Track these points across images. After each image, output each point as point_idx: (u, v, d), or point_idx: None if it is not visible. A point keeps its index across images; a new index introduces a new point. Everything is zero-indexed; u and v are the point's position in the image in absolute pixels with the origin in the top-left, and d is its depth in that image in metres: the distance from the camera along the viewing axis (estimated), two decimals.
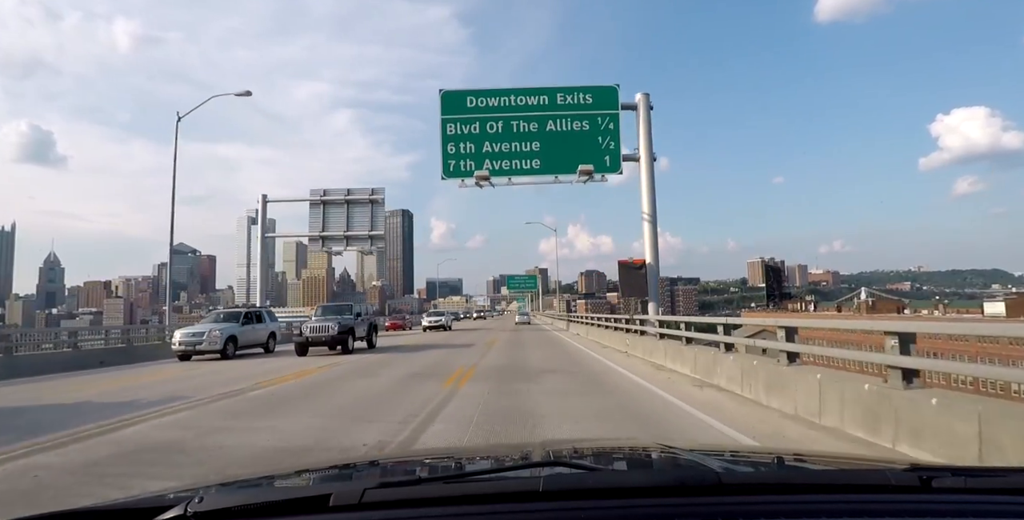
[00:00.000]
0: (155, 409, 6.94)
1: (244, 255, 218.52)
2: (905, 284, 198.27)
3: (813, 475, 1.26)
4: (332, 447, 4.98)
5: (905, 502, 0.94)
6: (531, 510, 0.90)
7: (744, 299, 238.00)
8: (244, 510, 0.93)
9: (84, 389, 9.23)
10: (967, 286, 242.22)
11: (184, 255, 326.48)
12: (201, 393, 8.31)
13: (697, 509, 0.91)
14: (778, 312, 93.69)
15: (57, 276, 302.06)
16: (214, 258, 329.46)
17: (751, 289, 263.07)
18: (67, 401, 7.93)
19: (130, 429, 5.83)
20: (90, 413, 6.75)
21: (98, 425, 5.96)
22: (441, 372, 10.64)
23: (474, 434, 5.36)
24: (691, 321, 10.85)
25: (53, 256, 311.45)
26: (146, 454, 4.81)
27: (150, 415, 6.58)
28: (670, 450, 1.43)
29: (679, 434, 5.40)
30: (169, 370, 12.50)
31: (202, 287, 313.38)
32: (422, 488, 0.99)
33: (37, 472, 4.26)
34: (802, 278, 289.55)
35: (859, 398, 4.89)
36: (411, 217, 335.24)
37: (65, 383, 10.31)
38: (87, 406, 7.44)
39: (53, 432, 5.62)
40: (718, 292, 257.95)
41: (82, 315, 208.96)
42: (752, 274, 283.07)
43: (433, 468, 1.55)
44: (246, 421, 6.28)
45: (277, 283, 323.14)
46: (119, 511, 0.99)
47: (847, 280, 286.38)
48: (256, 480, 1.33)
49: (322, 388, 8.88)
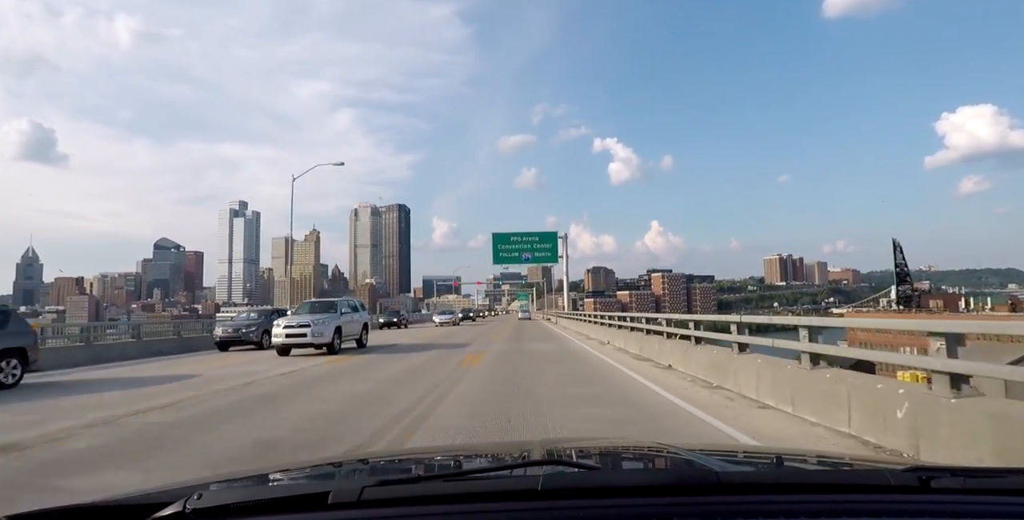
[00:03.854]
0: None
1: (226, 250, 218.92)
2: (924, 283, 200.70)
3: (812, 475, 1.32)
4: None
5: (904, 502, 0.99)
6: (530, 509, 0.95)
7: (763, 298, 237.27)
8: (243, 507, 0.98)
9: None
10: (983, 285, 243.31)
11: (167, 251, 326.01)
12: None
13: (696, 508, 0.95)
14: (923, 313, 73.71)
15: (36, 273, 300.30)
16: (201, 255, 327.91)
17: (769, 288, 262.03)
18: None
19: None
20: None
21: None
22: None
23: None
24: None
25: (32, 252, 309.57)
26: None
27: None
28: (669, 449, 1.48)
29: None
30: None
31: (187, 285, 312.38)
32: (421, 486, 1.04)
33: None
34: (821, 276, 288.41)
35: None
36: (408, 213, 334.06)
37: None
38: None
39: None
40: (734, 291, 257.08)
41: (46, 313, 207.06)
42: (769, 272, 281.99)
43: (432, 466, 1.62)
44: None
45: (263, 280, 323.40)
46: (118, 507, 1.04)
47: (864, 279, 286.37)
48: (255, 477, 1.38)
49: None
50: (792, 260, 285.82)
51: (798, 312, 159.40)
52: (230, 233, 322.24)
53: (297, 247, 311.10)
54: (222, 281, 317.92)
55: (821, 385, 6.02)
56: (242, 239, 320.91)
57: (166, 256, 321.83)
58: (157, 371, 12.22)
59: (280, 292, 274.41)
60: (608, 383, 9.65)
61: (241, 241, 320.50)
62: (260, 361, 14.11)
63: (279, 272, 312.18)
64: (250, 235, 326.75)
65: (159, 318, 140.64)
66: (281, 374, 11.14)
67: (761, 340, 8.62)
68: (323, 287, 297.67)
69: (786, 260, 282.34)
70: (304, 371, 11.67)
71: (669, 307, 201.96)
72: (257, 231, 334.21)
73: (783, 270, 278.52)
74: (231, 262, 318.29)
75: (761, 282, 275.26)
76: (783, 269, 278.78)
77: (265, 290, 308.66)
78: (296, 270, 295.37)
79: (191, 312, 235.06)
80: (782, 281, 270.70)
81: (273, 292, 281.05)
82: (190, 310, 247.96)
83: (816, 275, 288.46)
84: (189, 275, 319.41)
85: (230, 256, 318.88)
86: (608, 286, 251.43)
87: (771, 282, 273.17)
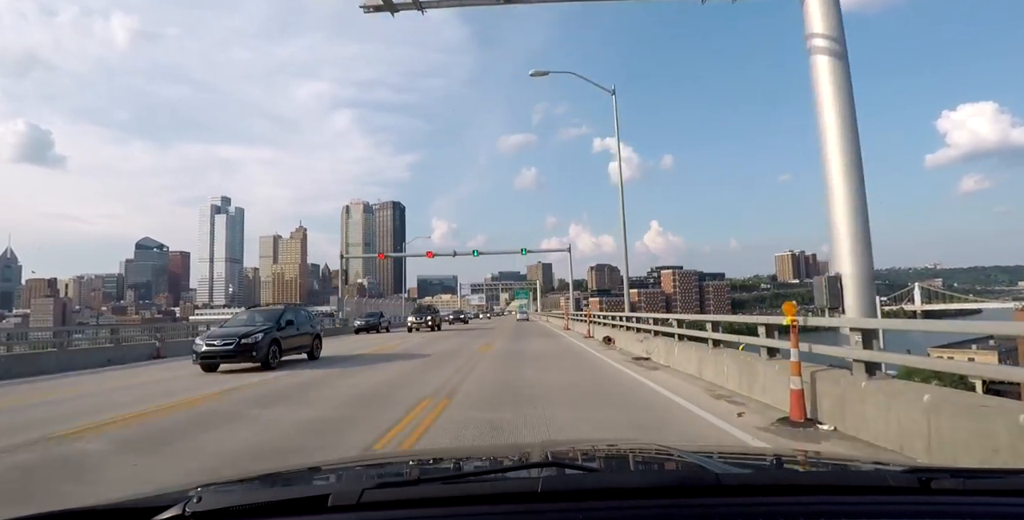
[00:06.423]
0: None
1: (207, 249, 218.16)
2: (937, 281, 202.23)
3: (812, 476, 1.37)
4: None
5: (904, 504, 1.04)
6: (529, 511, 0.99)
7: (777, 296, 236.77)
8: (242, 510, 1.02)
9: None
10: (992, 283, 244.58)
11: (149, 251, 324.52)
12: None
13: (696, 510, 1.00)
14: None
15: (13, 274, 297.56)
16: (187, 255, 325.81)
17: (783, 285, 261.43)
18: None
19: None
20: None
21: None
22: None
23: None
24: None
25: (10, 253, 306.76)
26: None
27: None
28: (669, 451, 1.53)
29: None
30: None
31: (171, 286, 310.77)
32: (420, 488, 1.09)
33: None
34: None
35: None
36: (403, 210, 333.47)
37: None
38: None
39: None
40: (747, 289, 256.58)
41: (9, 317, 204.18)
42: (781, 269, 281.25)
43: (432, 469, 1.67)
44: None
45: (248, 280, 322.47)
46: (117, 510, 1.09)
47: (878, 277, 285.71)
48: (254, 480, 1.44)
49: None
50: (805, 257, 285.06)
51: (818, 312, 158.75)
52: (211, 231, 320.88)
53: (284, 245, 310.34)
54: (203, 282, 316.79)
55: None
56: (224, 237, 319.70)
57: (148, 256, 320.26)
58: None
59: (266, 293, 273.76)
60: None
61: (223, 239, 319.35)
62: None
63: (265, 272, 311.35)
64: (233, 233, 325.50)
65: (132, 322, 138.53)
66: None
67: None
68: (313, 287, 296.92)
69: (798, 257, 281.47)
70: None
71: (680, 306, 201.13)
72: (242, 229, 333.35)
73: (795, 267, 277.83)
74: (212, 261, 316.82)
75: (774, 280, 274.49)
76: (795, 266, 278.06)
77: (250, 291, 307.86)
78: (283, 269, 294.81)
79: (167, 315, 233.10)
80: (795, 278, 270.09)
81: (259, 293, 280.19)
82: (166, 313, 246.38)
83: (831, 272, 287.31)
84: (174, 276, 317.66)
85: (211, 255, 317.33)
86: (614, 284, 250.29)
87: (784, 279, 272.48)
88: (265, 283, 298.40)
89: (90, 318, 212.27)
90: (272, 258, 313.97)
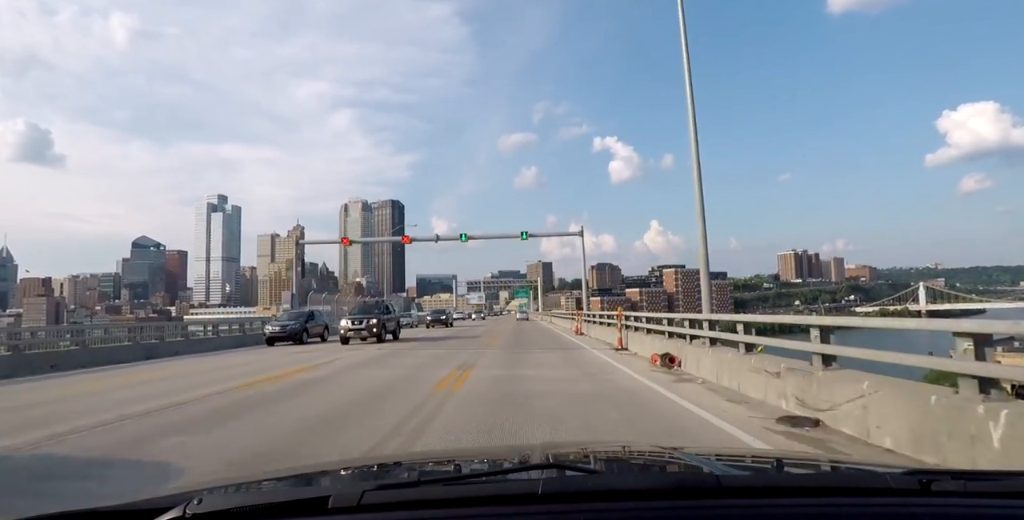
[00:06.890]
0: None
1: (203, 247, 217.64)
2: (939, 281, 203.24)
3: (812, 478, 1.37)
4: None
5: (904, 505, 1.04)
6: (530, 513, 1.00)
7: (780, 296, 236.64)
8: (243, 512, 1.03)
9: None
10: (994, 283, 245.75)
11: (146, 249, 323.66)
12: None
13: (696, 512, 1.01)
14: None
15: (9, 274, 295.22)
16: (184, 253, 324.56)
17: (785, 285, 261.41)
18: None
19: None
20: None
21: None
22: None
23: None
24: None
25: (5, 252, 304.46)
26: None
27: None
28: (670, 453, 1.54)
29: None
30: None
31: (168, 285, 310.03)
32: (421, 490, 1.10)
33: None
34: (838, 273, 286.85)
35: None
36: (402, 209, 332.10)
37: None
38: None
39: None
40: (749, 288, 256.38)
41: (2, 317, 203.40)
42: (784, 268, 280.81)
43: (432, 470, 1.68)
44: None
45: (246, 279, 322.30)
46: (117, 512, 1.10)
47: (881, 276, 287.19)
48: (255, 481, 1.45)
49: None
50: (808, 256, 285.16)
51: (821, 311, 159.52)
52: (207, 229, 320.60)
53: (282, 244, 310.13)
54: (200, 281, 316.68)
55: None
56: (221, 236, 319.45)
57: (145, 255, 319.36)
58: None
59: (264, 292, 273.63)
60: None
61: (220, 238, 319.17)
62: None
63: (263, 271, 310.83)
64: (230, 231, 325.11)
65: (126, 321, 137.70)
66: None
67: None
68: (311, 286, 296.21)
69: (801, 256, 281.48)
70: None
71: (683, 306, 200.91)
72: (239, 227, 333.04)
73: (798, 266, 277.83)
74: (208, 260, 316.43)
75: (776, 279, 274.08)
76: (798, 265, 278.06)
77: (247, 290, 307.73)
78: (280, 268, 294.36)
79: (162, 314, 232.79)
80: (797, 278, 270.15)
81: (256, 292, 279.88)
82: (161, 312, 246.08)
83: (833, 272, 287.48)
84: (171, 275, 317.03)
85: (207, 253, 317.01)
86: (615, 284, 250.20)
87: (786, 279, 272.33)
88: (262, 282, 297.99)
89: (84, 317, 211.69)
90: (270, 257, 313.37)
